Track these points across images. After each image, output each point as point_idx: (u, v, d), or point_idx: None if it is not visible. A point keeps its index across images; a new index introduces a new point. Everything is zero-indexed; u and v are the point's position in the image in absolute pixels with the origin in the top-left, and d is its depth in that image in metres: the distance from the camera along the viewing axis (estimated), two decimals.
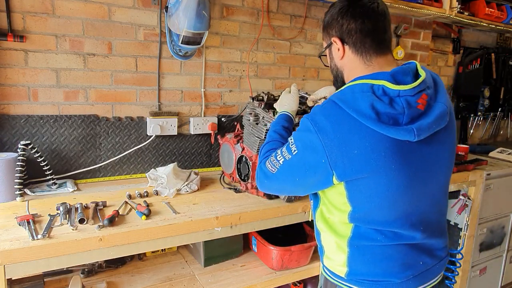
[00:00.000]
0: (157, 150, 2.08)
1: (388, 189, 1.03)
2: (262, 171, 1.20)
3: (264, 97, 1.71)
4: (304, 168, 1.06)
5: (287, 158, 1.09)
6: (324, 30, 1.20)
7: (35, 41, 1.73)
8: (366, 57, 1.12)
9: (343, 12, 1.12)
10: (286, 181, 1.13)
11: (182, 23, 1.81)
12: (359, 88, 1.03)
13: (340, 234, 1.13)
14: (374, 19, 1.10)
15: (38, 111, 1.79)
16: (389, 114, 0.99)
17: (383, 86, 1.01)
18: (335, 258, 1.16)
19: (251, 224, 1.63)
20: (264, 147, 1.30)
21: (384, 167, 1.01)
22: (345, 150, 0.99)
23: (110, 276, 1.71)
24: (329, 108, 1.04)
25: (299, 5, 2.42)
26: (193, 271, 1.79)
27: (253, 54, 2.30)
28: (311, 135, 1.03)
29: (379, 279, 1.11)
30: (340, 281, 1.16)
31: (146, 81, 2.01)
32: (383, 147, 0.99)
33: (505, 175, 2.66)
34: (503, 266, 2.91)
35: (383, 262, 1.10)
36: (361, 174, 1.01)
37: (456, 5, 2.55)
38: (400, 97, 1.00)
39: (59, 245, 1.25)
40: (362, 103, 0.99)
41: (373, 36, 1.10)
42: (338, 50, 1.15)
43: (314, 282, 2.00)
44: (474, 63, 3.31)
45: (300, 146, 1.06)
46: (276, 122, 1.38)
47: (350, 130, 1.00)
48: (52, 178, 1.74)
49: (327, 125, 1.01)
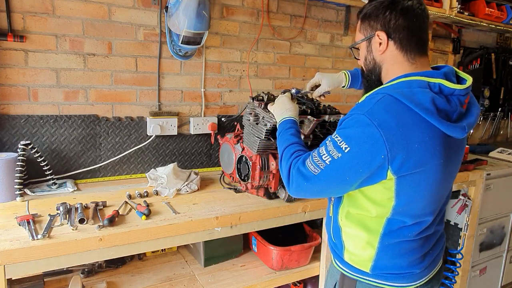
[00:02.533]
0: (157, 150, 2.08)
1: (433, 183, 1.08)
2: (300, 173, 1.12)
3: (264, 97, 1.71)
4: (358, 166, 1.03)
5: (336, 157, 1.04)
6: (364, 21, 1.17)
7: (35, 41, 1.73)
8: (410, 55, 1.12)
9: (392, 8, 1.10)
10: (333, 181, 1.07)
11: (182, 23, 1.81)
12: (417, 83, 1.05)
13: (371, 230, 1.13)
14: (422, 20, 1.12)
15: (38, 111, 1.79)
16: (446, 110, 1.03)
17: (440, 84, 1.04)
18: (360, 253, 1.16)
19: (251, 224, 1.63)
20: (286, 150, 1.23)
21: (435, 162, 1.05)
22: (407, 144, 1.00)
23: (110, 276, 1.71)
24: (388, 102, 1.02)
25: (299, 5, 2.42)
26: (193, 271, 1.79)
27: (253, 54, 2.30)
28: (370, 129, 1.00)
29: (402, 271, 1.14)
30: (361, 276, 1.17)
31: (146, 81, 2.01)
32: (437, 141, 1.03)
33: (505, 175, 2.66)
34: (503, 266, 2.91)
35: (408, 255, 1.14)
36: (416, 169, 1.03)
37: (456, 5, 2.55)
38: (453, 96, 1.05)
39: (59, 245, 1.25)
40: (423, 97, 1.01)
41: (419, 36, 1.12)
42: (379, 45, 1.14)
43: (314, 282, 2.00)
44: (474, 63, 3.32)
45: (354, 143, 1.02)
46: (290, 126, 1.34)
47: (413, 123, 1.01)
48: (52, 178, 1.74)
49: (389, 119, 1.00)
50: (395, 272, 1.15)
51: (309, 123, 1.63)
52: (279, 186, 1.72)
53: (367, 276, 1.17)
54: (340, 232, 1.21)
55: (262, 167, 1.67)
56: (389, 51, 1.14)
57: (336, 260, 1.26)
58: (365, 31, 1.18)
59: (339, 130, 1.08)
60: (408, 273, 1.15)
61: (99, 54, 1.87)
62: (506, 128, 3.81)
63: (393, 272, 1.15)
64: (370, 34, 1.16)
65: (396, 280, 1.15)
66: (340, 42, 2.65)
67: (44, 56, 1.76)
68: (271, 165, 1.66)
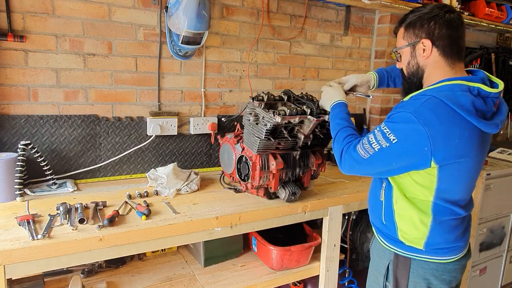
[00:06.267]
0: (157, 150, 2.08)
1: (470, 172, 1.27)
2: (351, 157, 1.31)
3: (264, 97, 1.71)
4: (404, 155, 1.21)
5: (385, 146, 1.22)
6: (409, 28, 1.32)
7: (35, 41, 1.73)
8: (451, 61, 1.29)
9: (436, 18, 1.27)
10: (381, 165, 1.27)
11: (182, 23, 1.81)
12: (458, 87, 1.22)
13: (422, 211, 1.30)
14: (461, 30, 1.29)
15: (38, 111, 1.79)
16: (483, 110, 1.20)
17: (479, 88, 1.22)
18: (414, 232, 1.32)
19: (251, 224, 1.63)
20: (339, 133, 1.40)
21: (473, 154, 1.23)
22: (448, 139, 1.17)
23: (110, 276, 1.71)
24: (433, 103, 1.19)
25: (299, 5, 2.42)
26: (193, 271, 1.79)
27: (253, 54, 2.30)
28: (415, 126, 1.17)
29: (450, 245, 1.33)
30: (415, 254, 1.34)
31: (146, 81, 2.01)
32: (475, 137, 1.21)
33: (505, 175, 2.66)
34: (503, 266, 2.91)
35: (454, 231, 1.33)
36: (457, 159, 1.21)
37: (456, 5, 2.55)
38: (489, 98, 1.23)
39: (59, 245, 1.25)
40: (464, 100, 1.18)
41: (458, 44, 1.29)
42: (423, 51, 1.29)
43: (314, 282, 2.00)
44: (474, 63, 3.31)
45: (401, 136, 1.20)
46: (340, 110, 1.48)
47: (454, 122, 1.17)
48: (52, 178, 1.74)
49: (434, 118, 1.17)
50: (445, 247, 1.32)
51: (309, 123, 1.63)
52: (279, 186, 1.72)
53: (420, 254, 1.33)
54: (393, 214, 1.36)
55: (262, 167, 1.67)
56: (432, 57, 1.29)
57: (386, 242, 1.41)
58: (409, 38, 1.33)
59: (388, 123, 1.25)
60: (455, 246, 1.34)
61: (99, 54, 1.87)
62: (506, 128, 3.81)
63: (443, 247, 1.32)
64: (414, 41, 1.31)
65: (445, 254, 1.33)
66: (340, 42, 2.65)
67: (44, 56, 1.76)
68: (271, 165, 1.66)
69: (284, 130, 1.65)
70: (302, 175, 1.80)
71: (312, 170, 1.81)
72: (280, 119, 1.54)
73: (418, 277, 1.34)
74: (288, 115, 1.58)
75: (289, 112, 1.58)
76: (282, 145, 1.67)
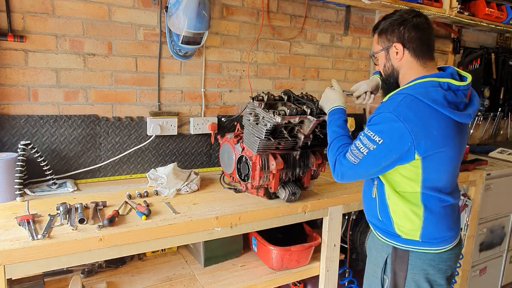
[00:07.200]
0: (157, 150, 2.08)
1: (451, 160, 1.36)
2: (342, 164, 1.38)
3: (264, 97, 1.71)
4: (391, 153, 1.29)
5: (372, 148, 1.30)
6: (381, 34, 1.43)
7: (35, 41, 1.73)
8: (422, 60, 1.38)
9: (405, 23, 1.37)
10: (372, 167, 1.34)
11: (182, 23, 1.81)
12: (430, 84, 1.32)
13: (413, 203, 1.37)
14: (429, 31, 1.40)
15: (38, 111, 1.79)
16: (455, 102, 1.30)
17: (448, 83, 1.32)
18: (408, 225, 1.39)
19: (251, 224, 1.63)
20: (334, 143, 1.45)
21: (451, 143, 1.32)
22: (427, 132, 1.26)
23: (110, 276, 1.71)
24: (409, 101, 1.28)
25: (299, 5, 2.42)
26: (193, 271, 1.79)
27: (253, 54, 2.30)
28: (397, 124, 1.26)
29: (443, 234, 1.39)
30: (412, 246, 1.39)
31: (146, 81, 2.01)
32: (451, 127, 1.30)
33: (505, 175, 2.66)
34: (503, 266, 2.91)
35: (445, 220, 1.40)
36: (437, 149, 1.29)
37: (456, 5, 2.55)
38: (459, 91, 1.33)
39: (59, 245, 1.25)
40: (436, 94, 1.28)
41: (428, 44, 1.39)
42: (396, 53, 1.40)
43: (314, 282, 2.00)
44: (474, 63, 3.31)
45: (386, 136, 1.28)
46: (338, 117, 1.53)
47: (429, 115, 1.27)
48: (52, 178, 1.74)
49: (411, 114, 1.26)
50: (439, 236, 1.39)
51: (309, 123, 1.63)
52: (279, 186, 1.72)
53: (418, 246, 1.39)
54: (388, 209, 1.42)
55: (262, 167, 1.67)
56: (405, 59, 1.39)
57: (383, 236, 1.46)
58: (383, 43, 1.43)
59: (370, 126, 1.33)
60: (447, 235, 1.40)
61: (99, 54, 1.87)
62: (506, 128, 3.81)
63: (438, 236, 1.38)
64: (388, 45, 1.42)
65: (440, 244, 1.39)
66: (340, 42, 2.65)
67: (44, 56, 1.76)
68: (271, 165, 1.66)
69: (284, 130, 1.65)
70: (302, 175, 1.80)
71: (312, 170, 1.81)
72: (280, 119, 1.54)
73: (416, 269, 1.39)
74: (288, 115, 1.58)
75: (289, 112, 1.59)
76: (282, 145, 1.67)
